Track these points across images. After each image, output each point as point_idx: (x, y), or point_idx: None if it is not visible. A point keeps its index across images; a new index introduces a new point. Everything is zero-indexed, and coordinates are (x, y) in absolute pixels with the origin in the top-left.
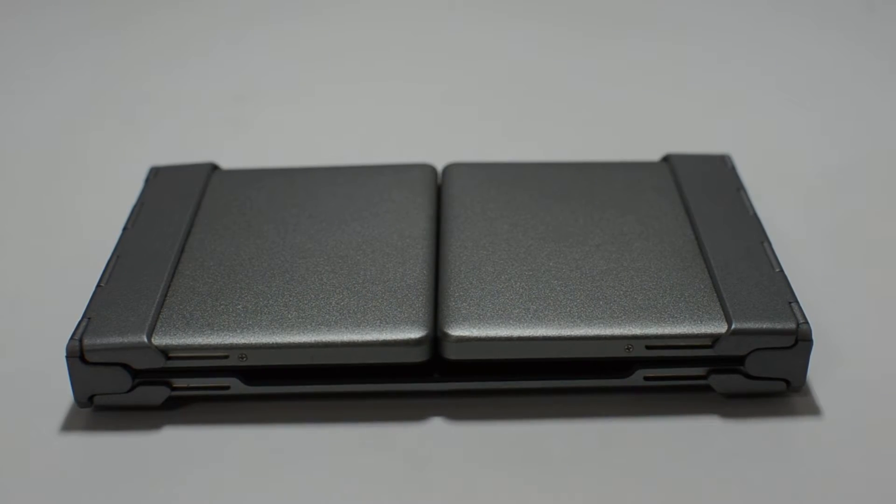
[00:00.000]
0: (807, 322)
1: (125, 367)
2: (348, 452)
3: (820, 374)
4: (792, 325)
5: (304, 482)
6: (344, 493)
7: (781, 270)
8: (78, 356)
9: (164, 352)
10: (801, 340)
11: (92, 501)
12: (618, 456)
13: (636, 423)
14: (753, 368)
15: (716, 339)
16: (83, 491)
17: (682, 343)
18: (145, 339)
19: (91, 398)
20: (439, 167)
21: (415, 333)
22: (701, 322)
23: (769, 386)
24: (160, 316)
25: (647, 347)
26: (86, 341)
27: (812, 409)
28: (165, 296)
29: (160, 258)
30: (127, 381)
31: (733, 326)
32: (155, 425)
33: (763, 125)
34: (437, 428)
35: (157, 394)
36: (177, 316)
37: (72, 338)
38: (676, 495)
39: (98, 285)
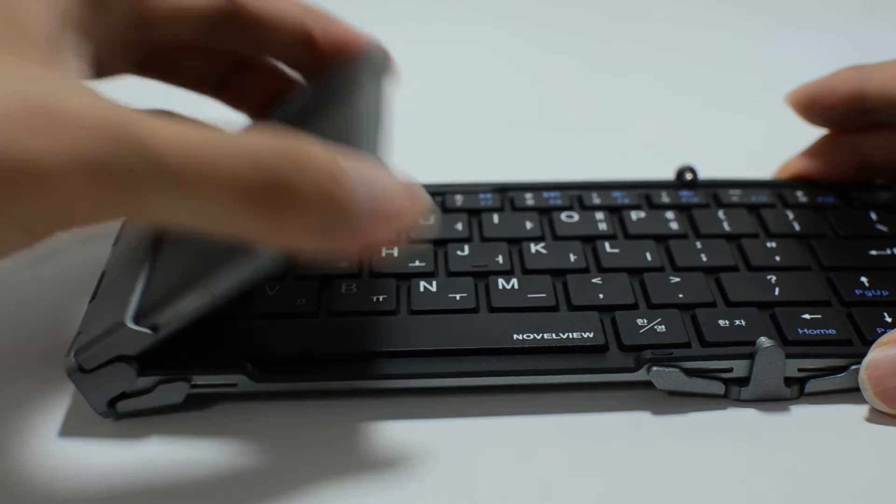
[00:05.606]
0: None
1: (122, 359)
2: (361, 451)
3: None
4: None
5: (309, 481)
6: (350, 489)
7: None
8: (77, 369)
9: (153, 328)
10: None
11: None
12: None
13: (627, 416)
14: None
15: None
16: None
17: None
18: (127, 322)
19: (112, 405)
20: None
21: None
22: None
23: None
24: (142, 301)
25: None
26: (77, 351)
27: None
28: (146, 285)
29: (138, 261)
30: (132, 374)
31: None
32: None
33: (762, 126)
34: (450, 426)
35: (177, 391)
36: (158, 296)
37: (66, 356)
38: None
39: (89, 302)
